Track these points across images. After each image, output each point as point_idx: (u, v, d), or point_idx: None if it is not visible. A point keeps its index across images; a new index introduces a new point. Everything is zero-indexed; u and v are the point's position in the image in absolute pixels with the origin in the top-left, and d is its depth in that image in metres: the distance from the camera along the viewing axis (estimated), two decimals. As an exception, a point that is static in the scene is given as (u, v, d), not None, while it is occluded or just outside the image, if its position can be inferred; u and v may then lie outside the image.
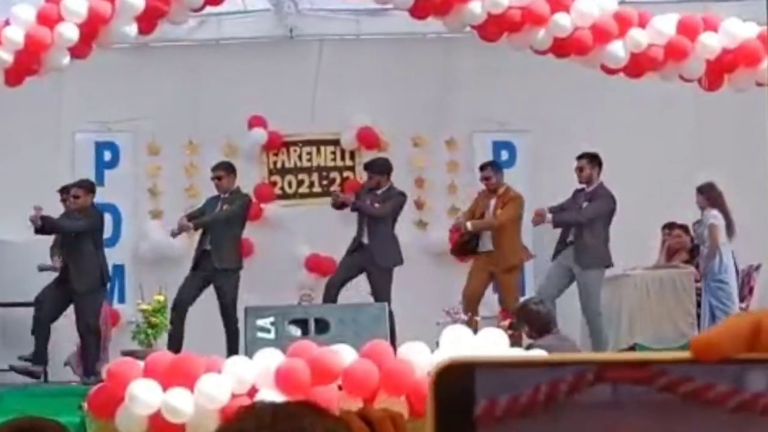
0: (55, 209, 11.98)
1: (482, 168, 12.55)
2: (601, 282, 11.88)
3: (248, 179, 13.49)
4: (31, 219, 11.61)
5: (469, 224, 12.25)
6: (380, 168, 12.43)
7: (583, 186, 12.07)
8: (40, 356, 11.66)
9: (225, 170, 12.27)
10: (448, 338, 8.36)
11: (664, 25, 10.53)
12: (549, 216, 11.98)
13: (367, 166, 12.75)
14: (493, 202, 12.39)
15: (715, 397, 0.65)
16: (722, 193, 12.04)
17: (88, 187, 12.04)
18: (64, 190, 12.10)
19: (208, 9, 10.95)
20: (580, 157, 12.03)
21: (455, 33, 11.73)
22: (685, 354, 0.67)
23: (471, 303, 11.74)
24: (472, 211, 12.47)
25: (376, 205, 12.16)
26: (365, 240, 12.09)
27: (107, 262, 12.14)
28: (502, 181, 12.46)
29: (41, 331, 11.67)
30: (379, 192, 12.28)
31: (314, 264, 13.59)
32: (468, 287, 12.06)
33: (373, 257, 11.97)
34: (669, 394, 0.66)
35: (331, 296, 11.88)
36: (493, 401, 0.66)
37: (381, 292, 11.77)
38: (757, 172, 12.83)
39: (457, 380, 0.66)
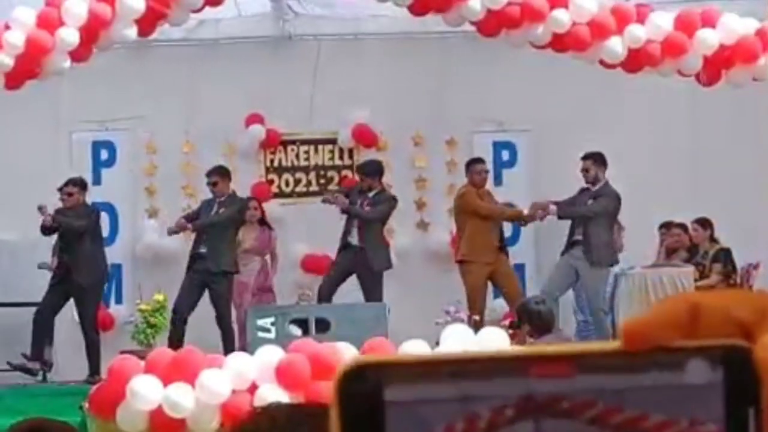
0: (53, 207, 11.96)
1: (480, 161, 12.54)
2: (606, 280, 11.94)
3: (245, 177, 13.48)
4: (44, 220, 11.63)
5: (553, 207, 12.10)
6: (372, 170, 12.47)
7: (588, 186, 12.08)
8: (38, 353, 11.61)
9: (219, 175, 12.28)
10: (448, 337, 8.37)
11: (662, 21, 10.51)
12: (553, 208, 11.95)
13: (360, 169, 12.81)
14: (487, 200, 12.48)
15: (648, 428, 0.59)
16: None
17: (81, 184, 12.06)
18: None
19: (206, 13, 10.94)
20: (585, 158, 11.99)
21: (454, 31, 11.71)
22: (614, 345, 0.60)
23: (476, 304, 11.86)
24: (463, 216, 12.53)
25: (367, 208, 12.18)
26: (354, 241, 12.15)
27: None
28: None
29: (41, 328, 11.63)
30: (370, 195, 12.31)
31: (310, 264, 13.56)
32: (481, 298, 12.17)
33: (366, 261, 12.02)
34: (599, 427, 0.59)
35: (324, 298, 11.92)
36: None
37: (373, 294, 11.82)
38: (755, 170, 12.85)
39: (364, 386, 0.60)
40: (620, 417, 0.60)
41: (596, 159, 11.98)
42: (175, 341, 11.28)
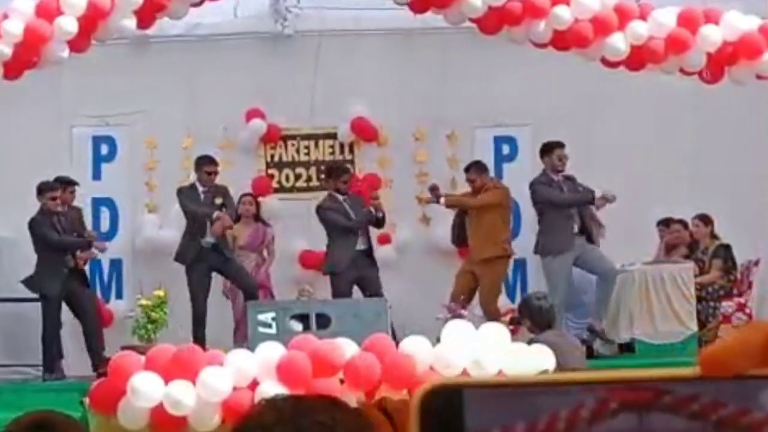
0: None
1: (466, 170, 12.56)
2: None
3: (245, 172, 13.48)
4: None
5: (443, 199, 12.25)
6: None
7: (555, 176, 12.12)
8: (51, 364, 11.60)
9: (216, 165, 12.31)
10: (449, 333, 8.36)
11: (665, 18, 10.45)
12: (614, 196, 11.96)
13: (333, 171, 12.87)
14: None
15: (750, 424, 0.60)
16: None
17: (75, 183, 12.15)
18: (59, 184, 12.01)
19: (206, 13, 10.95)
20: (561, 146, 12.03)
21: (454, 27, 11.69)
22: (694, 371, 0.62)
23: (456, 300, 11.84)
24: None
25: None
26: (364, 246, 12.31)
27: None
28: (487, 179, 12.52)
29: (53, 340, 11.61)
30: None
31: (308, 260, 13.56)
32: (455, 289, 12.07)
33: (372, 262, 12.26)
34: (701, 421, 0.60)
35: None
36: (509, 429, 0.59)
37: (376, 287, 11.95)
38: (755, 166, 12.85)
39: (445, 406, 0.60)
40: (722, 412, 0.61)
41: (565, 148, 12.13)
42: (202, 343, 11.23)
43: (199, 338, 11.28)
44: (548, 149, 12.10)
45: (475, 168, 12.47)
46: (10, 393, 10.24)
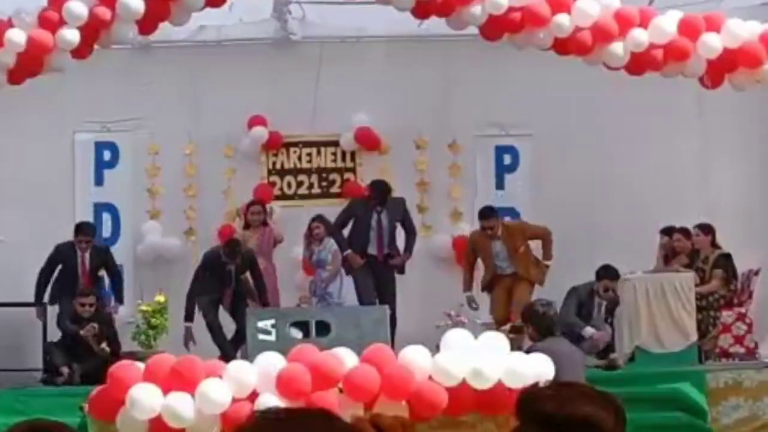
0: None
1: (485, 217, 12.31)
2: None
3: (247, 180, 13.49)
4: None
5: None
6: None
7: None
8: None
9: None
10: (448, 342, 8.36)
11: (666, 25, 10.39)
12: None
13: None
14: (498, 244, 12.28)
15: None
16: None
17: (93, 232, 12.21)
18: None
19: (210, 17, 10.95)
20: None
21: (457, 35, 11.69)
22: None
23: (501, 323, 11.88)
24: (474, 254, 12.43)
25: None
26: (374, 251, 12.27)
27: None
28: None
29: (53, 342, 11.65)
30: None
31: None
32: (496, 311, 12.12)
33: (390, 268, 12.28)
34: None
35: None
36: None
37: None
38: (756, 175, 12.85)
39: None
40: None
41: None
42: (228, 349, 11.16)
43: None
44: None
45: (494, 215, 12.29)
46: (10, 398, 10.23)
